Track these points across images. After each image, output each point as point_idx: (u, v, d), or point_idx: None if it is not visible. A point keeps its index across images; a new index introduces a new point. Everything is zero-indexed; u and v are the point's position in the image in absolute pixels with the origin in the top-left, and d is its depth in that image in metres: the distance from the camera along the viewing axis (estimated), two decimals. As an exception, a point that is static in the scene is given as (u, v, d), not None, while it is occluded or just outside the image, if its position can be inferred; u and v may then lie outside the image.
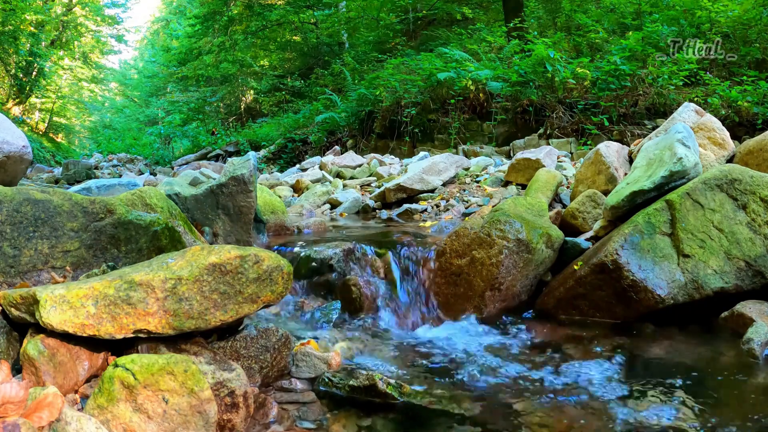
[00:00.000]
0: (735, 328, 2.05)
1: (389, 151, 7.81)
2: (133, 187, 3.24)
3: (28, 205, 1.73)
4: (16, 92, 19.61)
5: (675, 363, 1.85)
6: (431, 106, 7.66)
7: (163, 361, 1.29)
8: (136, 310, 1.41)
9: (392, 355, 1.97)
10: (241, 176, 2.75)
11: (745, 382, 1.72)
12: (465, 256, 2.43)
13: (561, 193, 3.65)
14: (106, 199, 1.93)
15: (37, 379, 1.31)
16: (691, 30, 7.12)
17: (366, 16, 14.47)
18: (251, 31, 15.98)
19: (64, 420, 1.16)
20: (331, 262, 2.53)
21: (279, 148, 10.11)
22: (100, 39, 24.24)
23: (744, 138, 5.03)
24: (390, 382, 1.59)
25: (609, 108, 6.34)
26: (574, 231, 2.80)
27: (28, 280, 1.69)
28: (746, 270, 2.17)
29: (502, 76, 7.38)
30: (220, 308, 1.51)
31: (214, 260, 1.53)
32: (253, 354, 1.64)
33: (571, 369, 1.82)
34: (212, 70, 16.54)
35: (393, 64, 9.03)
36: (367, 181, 5.45)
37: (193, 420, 1.27)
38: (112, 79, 28.94)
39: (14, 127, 2.40)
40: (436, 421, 1.51)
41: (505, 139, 7.09)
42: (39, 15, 18.76)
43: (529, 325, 2.26)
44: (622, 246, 2.21)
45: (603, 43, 7.92)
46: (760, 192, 2.26)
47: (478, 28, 11.04)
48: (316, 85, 13.03)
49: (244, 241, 2.77)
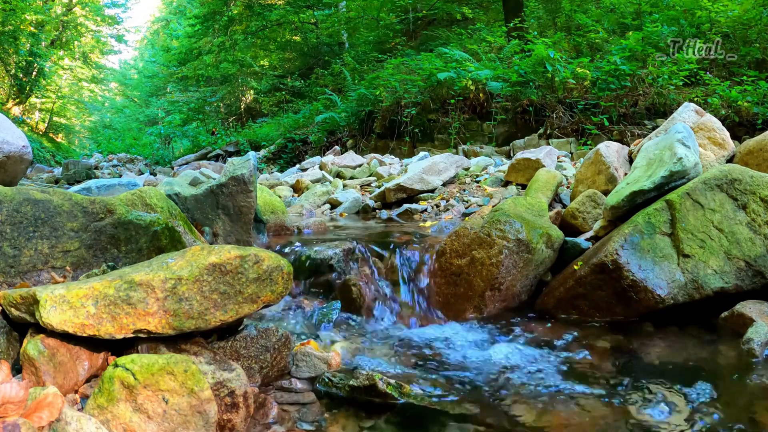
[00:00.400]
0: (735, 328, 2.05)
1: (389, 151, 7.81)
2: (133, 187, 3.24)
3: (28, 205, 1.73)
4: (16, 92, 19.61)
5: (675, 363, 1.85)
6: (431, 106, 7.66)
7: (163, 361, 1.29)
8: (136, 310, 1.41)
9: (392, 355, 1.97)
10: (241, 176, 2.75)
11: (745, 382, 1.72)
12: (465, 256, 2.43)
13: (561, 193, 3.65)
14: (106, 199, 1.93)
15: (37, 379, 1.31)
16: (691, 30, 7.12)
17: (366, 16, 14.47)
18: (251, 31, 15.98)
19: (64, 420, 1.16)
20: (331, 262, 2.53)
21: (279, 148, 10.11)
22: (100, 39, 24.24)
23: (744, 138, 5.03)
24: (390, 382, 1.59)
25: (609, 108, 6.34)
26: (574, 231, 2.80)
27: (28, 280, 1.69)
28: (746, 270, 2.17)
29: (502, 76, 7.38)
30: (220, 308, 1.51)
31: (214, 260, 1.53)
32: (253, 354, 1.64)
33: (571, 369, 1.82)
34: (212, 70, 16.55)
35: (393, 64, 9.03)
36: (367, 181, 5.45)
37: (193, 420, 1.27)
38: (112, 79, 28.94)
39: (14, 127, 2.40)
40: (436, 421, 1.51)
41: (505, 139, 7.09)
42: (39, 15, 18.76)
43: (529, 325, 2.26)
44: (622, 246, 2.21)
45: (603, 43, 7.92)
46: (760, 192, 2.26)
47: (478, 28, 11.04)
48: (316, 85, 13.04)
49: (244, 241, 2.77)
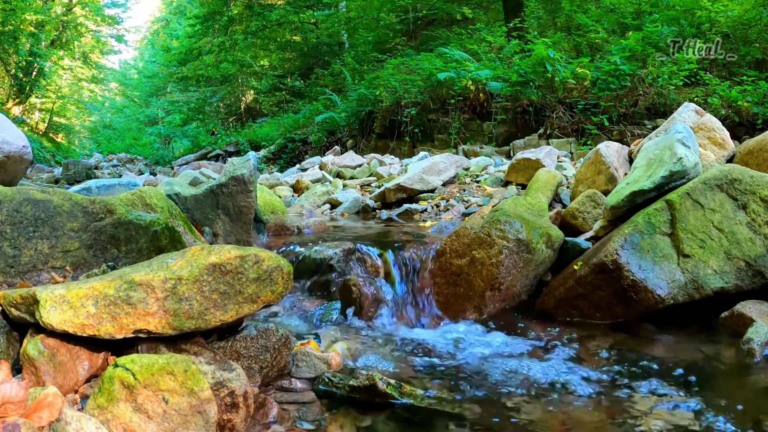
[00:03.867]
0: (735, 328, 2.05)
1: (389, 151, 7.81)
2: (133, 187, 3.24)
3: (28, 205, 1.73)
4: (16, 92, 19.61)
5: (675, 363, 1.85)
6: (431, 106, 7.66)
7: (163, 361, 1.29)
8: (136, 310, 1.41)
9: (392, 355, 1.97)
10: (241, 176, 2.75)
11: (745, 381, 1.72)
12: (465, 256, 2.43)
13: (561, 193, 3.65)
14: (106, 199, 1.93)
15: (37, 379, 1.31)
16: (691, 30, 7.11)
17: (366, 16, 14.46)
18: (251, 31, 15.98)
19: (64, 420, 1.16)
20: (331, 262, 2.53)
21: (279, 148, 10.11)
22: (100, 39, 24.23)
23: (744, 138, 5.03)
24: (390, 382, 1.59)
25: (609, 108, 6.34)
26: (574, 231, 2.80)
27: (28, 280, 1.69)
28: (746, 270, 2.17)
29: (502, 76, 7.37)
30: (220, 308, 1.51)
31: (214, 260, 1.53)
32: (253, 354, 1.64)
33: (571, 369, 1.82)
34: (212, 70, 16.54)
35: (393, 64, 9.03)
36: (367, 181, 5.45)
37: (193, 420, 1.27)
38: (112, 79, 28.93)
39: (14, 127, 2.40)
40: (436, 421, 1.51)
41: (505, 139, 7.09)
42: (39, 15, 18.75)
43: (529, 325, 2.26)
44: (622, 246, 2.21)
45: (603, 43, 7.92)
46: (760, 192, 2.26)
47: (478, 28, 11.04)
48: (316, 85, 13.03)
49: (244, 241, 2.77)
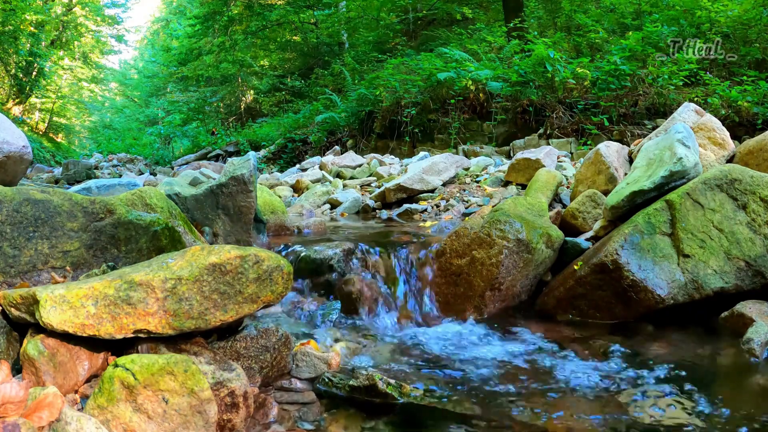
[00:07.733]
0: (735, 328, 2.05)
1: (389, 151, 7.81)
2: (133, 187, 3.24)
3: (28, 205, 1.73)
4: (16, 92, 19.60)
5: (675, 363, 1.85)
6: (431, 106, 7.66)
7: (163, 361, 1.29)
8: (136, 310, 1.41)
9: (392, 355, 1.97)
10: (241, 176, 2.74)
11: (745, 382, 1.72)
12: (465, 256, 2.43)
13: (561, 193, 3.65)
14: (106, 199, 1.93)
15: (37, 379, 1.31)
16: (691, 30, 7.11)
17: (366, 16, 14.47)
18: (251, 31, 15.97)
19: (64, 420, 1.16)
20: (331, 262, 2.53)
21: (279, 148, 10.10)
22: (100, 39, 24.22)
23: (744, 138, 5.02)
24: (390, 382, 1.59)
25: (609, 108, 6.34)
26: (574, 231, 2.80)
27: (28, 280, 1.69)
28: (746, 270, 2.17)
29: (502, 76, 7.37)
30: (220, 308, 1.51)
31: (214, 260, 1.53)
32: (253, 354, 1.64)
33: (571, 369, 1.82)
34: (212, 70, 16.54)
35: (393, 64, 9.03)
36: (367, 181, 5.45)
37: (193, 420, 1.27)
38: (112, 79, 28.93)
39: (14, 127, 2.40)
40: (436, 421, 1.51)
41: (505, 139, 7.09)
42: (39, 15, 18.74)
43: (529, 325, 2.26)
44: (622, 246, 2.21)
45: (603, 43, 7.92)
46: (760, 192, 2.26)
47: (478, 28, 11.04)
48: (316, 85, 13.03)
49: (244, 241, 2.77)
